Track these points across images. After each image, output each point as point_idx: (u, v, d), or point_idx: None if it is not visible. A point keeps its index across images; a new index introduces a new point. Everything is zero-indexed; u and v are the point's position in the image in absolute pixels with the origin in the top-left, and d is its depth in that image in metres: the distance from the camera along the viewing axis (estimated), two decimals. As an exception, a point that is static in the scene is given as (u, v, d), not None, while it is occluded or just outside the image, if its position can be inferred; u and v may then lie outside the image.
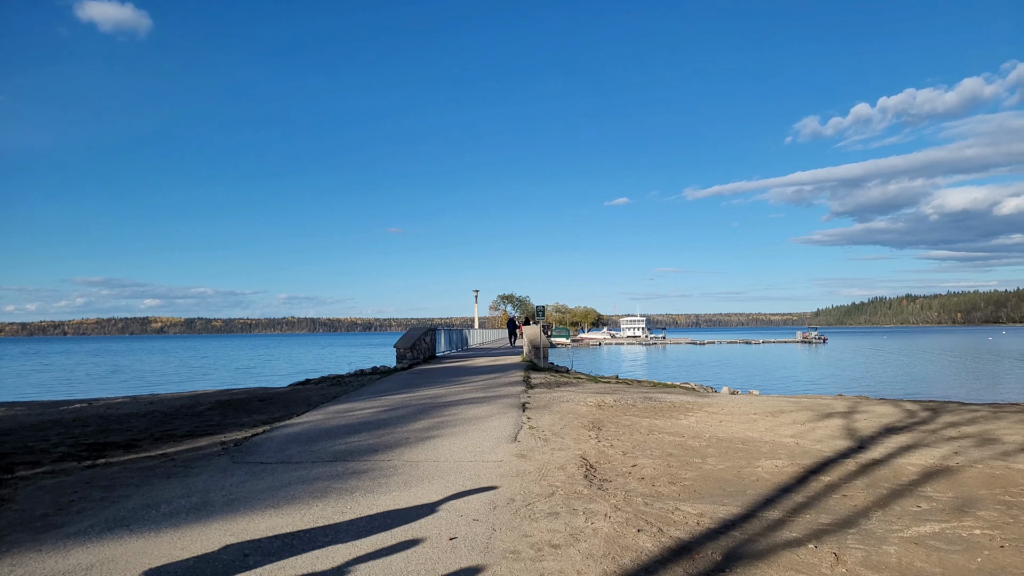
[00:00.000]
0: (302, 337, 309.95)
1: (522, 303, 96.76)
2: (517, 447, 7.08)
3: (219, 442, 7.67)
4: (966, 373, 38.81)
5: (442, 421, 8.65)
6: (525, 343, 19.91)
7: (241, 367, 53.78)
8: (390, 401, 10.73)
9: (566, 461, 6.45)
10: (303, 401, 11.85)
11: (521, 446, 7.14)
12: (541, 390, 12.51)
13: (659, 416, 9.78)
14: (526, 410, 9.69)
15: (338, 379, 16.15)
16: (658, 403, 11.19)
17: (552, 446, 7.19)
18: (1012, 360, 50.70)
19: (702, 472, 6.17)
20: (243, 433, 8.27)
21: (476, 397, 11.03)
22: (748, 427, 8.91)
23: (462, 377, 14.72)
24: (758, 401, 12.18)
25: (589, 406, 10.52)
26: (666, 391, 14.28)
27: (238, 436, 8.03)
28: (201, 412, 11.17)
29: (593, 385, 14.33)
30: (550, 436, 7.76)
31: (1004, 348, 71.43)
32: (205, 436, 8.23)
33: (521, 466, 6.21)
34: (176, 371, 49.67)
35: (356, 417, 9.06)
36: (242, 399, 13.07)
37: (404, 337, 19.64)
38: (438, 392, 11.89)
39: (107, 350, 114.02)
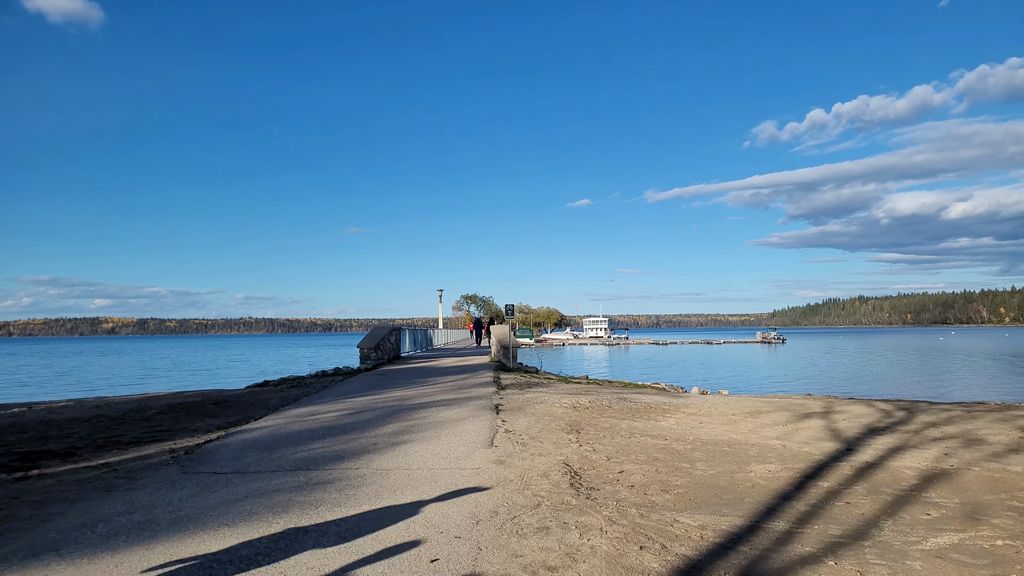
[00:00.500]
0: (260, 338, 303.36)
1: (486, 303, 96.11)
2: (494, 452, 6.62)
3: (168, 450, 7.03)
4: (924, 372, 39.72)
5: (413, 425, 8.14)
6: (494, 343, 19.44)
7: (195, 368, 52.02)
8: (356, 404, 10.16)
9: (549, 467, 6.03)
10: (261, 404, 11.19)
11: (499, 451, 6.68)
12: (513, 391, 12.07)
13: (638, 418, 9.44)
14: (500, 412, 9.24)
15: (298, 380, 15.46)
16: (634, 404, 10.87)
17: (531, 451, 6.75)
18: (964, 359, 52.21)
19: (694, 478, 5.81)
20: (196, 439, 7.63)
21: (447, 399, 10.53)
22: (730, 429, 8.63)
23: (430, 378, 14.18)
24: (733, 402, 11.96)
25: (564, 408, 10.12)
26: (639, 392, 13.99)
27: (190, 443, 7.40)
28: (150, 417, 10.44)
29: (565, 386, 13.95)
30: (528, 440, 7.32)
31: (955, 348, 73.71)
32: (153, 443, 7.57)
33: (501, 474, 5.76)
34: (127, 373, 47.78)
35: (320, 421, 8.48)
36: (195, 402, 12.33)
37: (368, 337, 18.99)
38: (406, 394, 11.35)
39: (55, 351, 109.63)
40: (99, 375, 45.84)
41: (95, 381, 39.46)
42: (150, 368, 53.52)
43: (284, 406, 10.41)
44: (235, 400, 12.28)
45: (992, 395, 26.04)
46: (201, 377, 41.33)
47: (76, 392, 30.15)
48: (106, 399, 14.42)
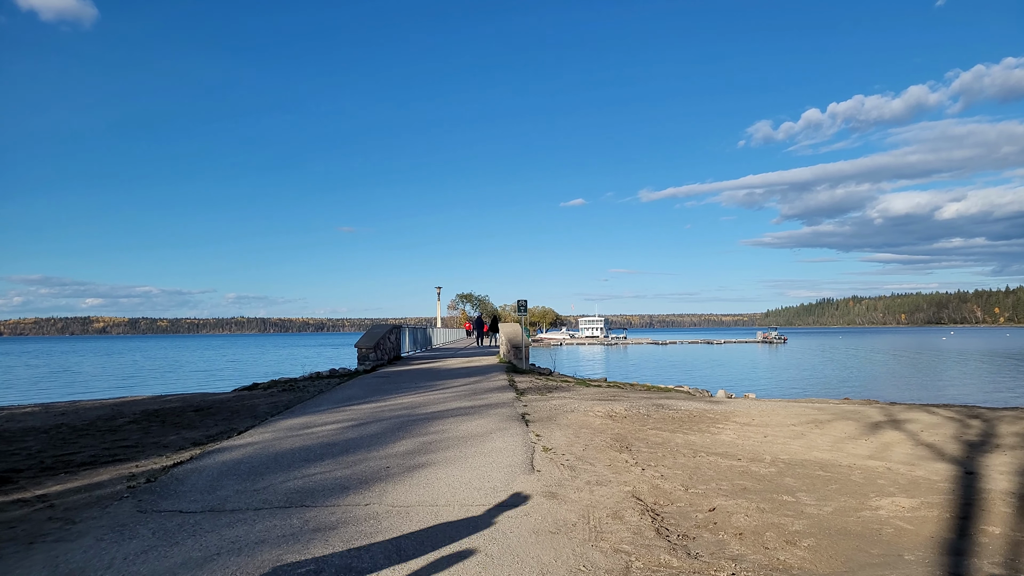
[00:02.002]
0: (252, 337, 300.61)
1: (481, 302, 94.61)
2: (540, 480, 5.21)
3: (127, 475, 5.60)
4: (942, 373, 38.47)
5: (430, 441, 6.72)
6: (503, 342, 18.01)
7: (183, 369, 50.33)
8: (358, 413, 8.73)
9: (618, 503, 4.63)
10: (248, 412, 9.76)
11: (545, 478, 5.28)
12: (534, 396, 10.67)
13: (689, 430, 8.06)
14: (529, 424, 7.84)
15: (291, 384, 14.02)
16: (674, 412, 9.51)
17: (586, 477, 5.35)
18: (978, 360, 51.04)
19: (812, 520, 4.41)
20: (164, 459, 6.20)
21: (463, 407, 9.11)
22: (805, 445, 7.26)
23: (438, 381, 12.76)
24: (781, 408, 10.60)
25: (600, 417, 8.74)
26: (667, 396, 12.61)
27: (156, 464, 5.96)
28: (119, 427, 9.01)
29: (587, 390, 12.56)
30: (575, 462, 5.92)
31: (961, 348, 72.57)
32: (112, 464, 6.13)
33: (558, 513, 4.36)
34: (112, 373, 46.09)
35: (316, 436, 7.04)
36: (174, 409, 10.91)
37: (366, 336, 17.55)
38: (415, 400, 9.92)
39: (43, 351, 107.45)
40: (83, 376, 44.17)
41: (76, 383, 37.81)
42: (136, 369, 51.83)
43: (274, 415, 8.98)
44: (219, 407, 10.85)
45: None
46: (188, 378, 39.70)
47: (52, 395, 28.55)
48: (77, 404, 12.92)
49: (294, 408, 9.46)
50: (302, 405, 9.74)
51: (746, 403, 11.26)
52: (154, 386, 32.32)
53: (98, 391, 29.53)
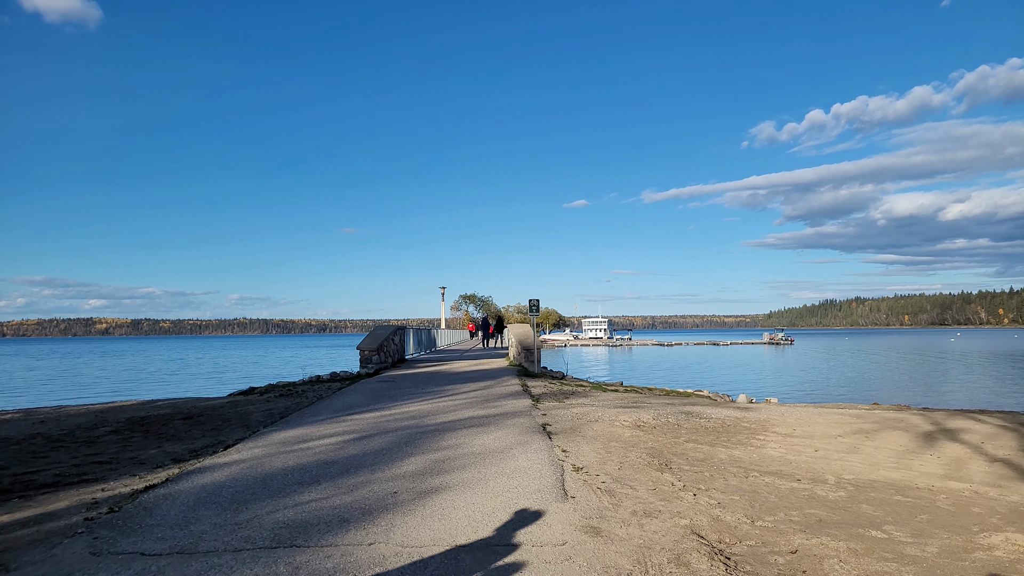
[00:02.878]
0: (254, 339, 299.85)
1: (484, 303, 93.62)
2: (576, 509, 4.38)
3: (90, 500, 4.77)
4: (964, 376, 37.51)
5: (442, 459, 5.88)
6: (513, 344, 17.12)
7: (181, 371, 49.49)
8: (360, 423, 7.90)
9: (675, 543, 3.79)
10: (240, 421, 8.94)
11: (581, 507, 4.44)
12: (551, 403, 9.84)
13: (729, 442, 7.23)
14: (552, 437, 7.00)
15: (289, 388, 13.20)
16: (705, 421, 8.69)
17: (630, 506, 4.51)
18: (996, 361, 50.04)
19: (921, 567, 3.57)
20: (137, 480, 5.38)
21: (477, 416, 8.27)
22: (864, 460, 6.43)
23: (447, 387, 11.91)
24: (818, 416, 9.79)
25: (627, 427, 7.91)
26: (692, 402, 11.76)
27: (126, 487, 5.13)
28: (98, 438, 8.22)
29: (605, 395, 11.72)
30: (613, 485, 5.08)
31: (973, 349, 71.41)
32: (77, 486, 5.31)
33: (605, 555, 3.53)
34: (108, 376, 45.30)
35: (313, 452, 6.21)
36: (162, 416, 10.13)
37: (369, 337, 16.71)
38: (423, 408, 9.08)
39: (43, 352, 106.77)
40: (80, 378, 43.39)
41: (71, 386, 37.03)
42: (135, 371, 51.06)
43: (268, 425, 8.16)
44: (210, 414, 10.05)
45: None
46: (185, 381, 38.85)
47: (42, 399, 27.73)
48: (61, 410, 12.11)
49: (290, 417, 8.64)
50: (299, 414, 8.91)
51: (778, 410, 10.42)
52: (149, 389, 31.50)
53: (90, 395, 28.74)
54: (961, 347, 78.05)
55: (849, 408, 12.77)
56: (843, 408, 12.64)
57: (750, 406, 11.09)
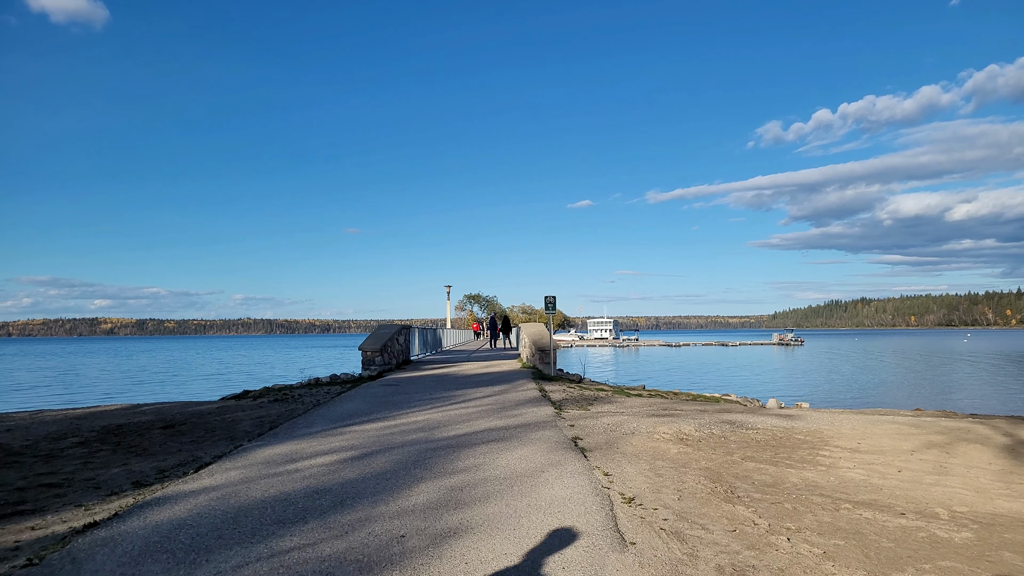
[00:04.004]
0: (257, 339, 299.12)
1: (489, 303, 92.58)
2: (640, 564, 3.30)
3: (11, 545, 3.71)
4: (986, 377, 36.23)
5: (459, 484, 4.78)
6: (526, 345, 15.98)
7: (180, 372, 48.41)
8: (360, 437, 6.81)
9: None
10: (225, 431, 7.89)
11: (647, 559, 3.36)
12: (576, 411, 8.76)
13: (794, 461, 6.14)
14: (588, 454, 5.91)
15: (285, 392, 12.14)
16: (752, 432, 7.62)
17: (711, 559, 3.43)
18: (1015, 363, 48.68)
19: None
20: (80, 513, 4.32)
21: (496, 428, 7.17)
22: (967, 484, 5.34)
23: (458, 391, 10.81)
24: (872, 425, 8.71)
25: (669, 441, 6.82)
26: (726, 409, 10.66)
27: (63, 525, 4.07)
28: (62, 450, 7.21)
29: (631, 400, 10.63)
30: (679, 524, 3.99)
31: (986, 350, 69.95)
32: (6, 520, 4.25)
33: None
34: (106, 377, 44.33)
35: (301, 476, 5.11)
36: (142, 424, 9.13)
37: (372, 337, 15.63)
38: (433, 418, 7.98)
39: (47, 352, 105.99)
40: (79, 379, 42.44)
41: (67, 387, 36.05)
42: (134, 371, 50.10)
43: (255, 437, 7.10)
44: (194, 421, 9.02)
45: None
46: (181, 383, 37.74)
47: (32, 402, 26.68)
48: (38, 416, 11.09)
49: (280, 428, 7.56)
50: (291, 424, 7.83)
51: (823, 418, 9.30)
52: (142, 392, 30.39)
53: (80, 397, 27.67)
54: (975, 348, 76.58)
55: (895, 414, 11.68)
56: (889, 414, 11.55)
57: (793, 413, 9.98)
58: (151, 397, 26.49)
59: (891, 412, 12.81)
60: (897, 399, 24.52)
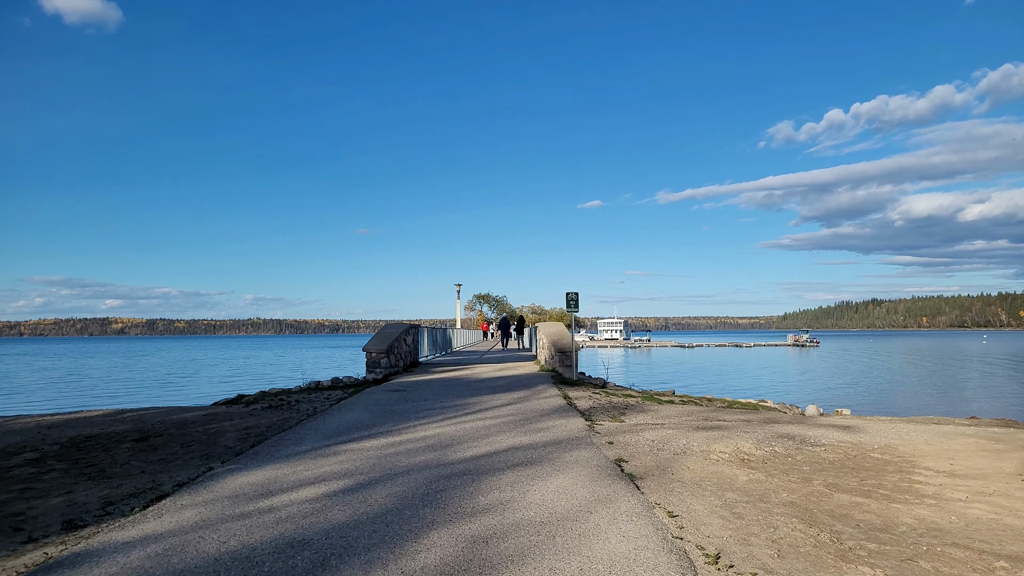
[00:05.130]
0: (266, 339, 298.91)
1: (499, 303, 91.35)
2: None
3: None
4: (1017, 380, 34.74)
5: (482, 534, 3.61)
6: (545, 346, 14.75)
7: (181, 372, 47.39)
8: (357, 457, 5.65)
9: None
10: (204, 445, 6.78)
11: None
12: (608, 422, 7.59)
13: (886, 490, 4.98)
14: (639, 483, 4.74)
15: (282, 397, 11.04)
16: (821, 450, 6.47)
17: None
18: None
19: None
20: (-26, 576, 3.19)
21: (520, 446, 5.99)
22: None
23: (473, 398, 9.66)
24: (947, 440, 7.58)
25: (730, 463, 5.65)
26: (773, 418, 9.47)
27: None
28: (10, 469, 6.30)
29: (663, 408, 9.45)
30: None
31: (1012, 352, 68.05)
32: None
33: None
34: (107, 378, 43.43)
35: (275, 518, 3.95)
36: (115, 434, 8.11)
37: (377, 337, 14.49)
38: (445, 432, 6.81)
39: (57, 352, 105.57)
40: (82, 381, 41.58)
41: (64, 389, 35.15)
42: (137, 372, 49.23)
43: (234, 457, 5.98)
44: (173, 433, 7.94)
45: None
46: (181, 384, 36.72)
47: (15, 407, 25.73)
48: (7, 423, 10.03)
49: (264, 445, 6.41)
50: (278, 440, 6.68)
51: (887, 430, 8.08)
52: (136, 394, 29.23)
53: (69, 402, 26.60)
54: (995, 349, 74.64)
55: (954, 424, 10.48)
56: (947, 423, 10.34)
57: (850, 424, 8.76)
58: (144, 400, 25.49)
59: (946, 421, 11.59)
60: (938, 405, 23.15)
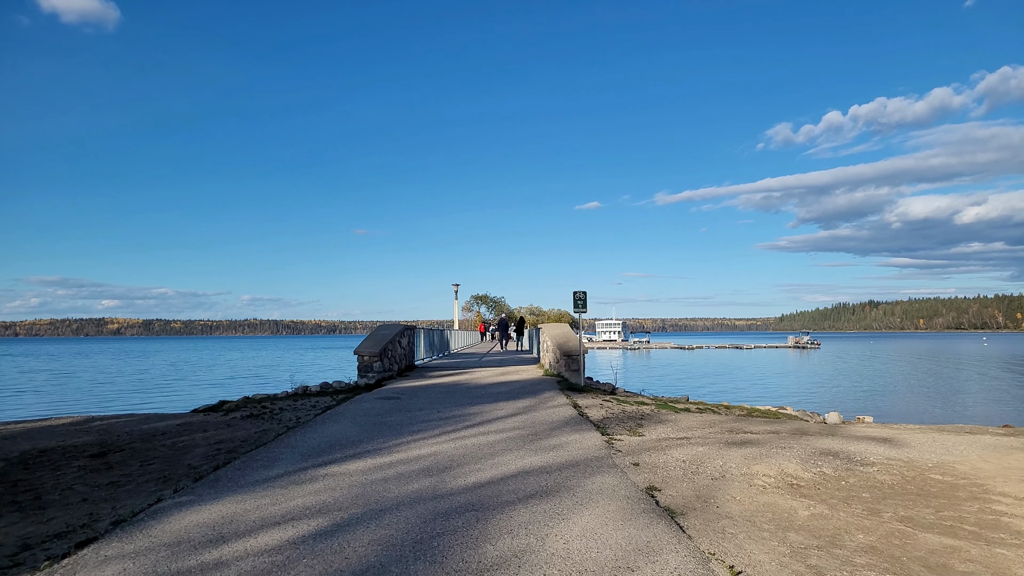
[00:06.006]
0: (263, 339, 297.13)
1: (497, 304, 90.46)
2: None
3: None
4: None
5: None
6: (550, 349, 13.79)
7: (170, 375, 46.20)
8: (338, 486, 4.75)
9: None
10: (164, 465, 5.88)
11: None
12: (627, 436, 6.71)
13: (983, 528, 4.12)
14: (679, 520, 3.85)
15: (265, 404, 10.14)
16: (874, 471, 5.62)
17: None
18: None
19: None
20: None
21: (532, 469, 5.08)
22: None
23: (473, 407, 8.76)
24: (1005, 456, 6.80)
25: (779, 490, 4.77)
26: (802, 429, 8.58)
27: None
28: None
29: (683, 418, 8.56)
30: None
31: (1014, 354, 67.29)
32: None
33: None
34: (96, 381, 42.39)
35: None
36: (72, 448, 7.27)
37: (370, 339, 13.59)
38: (443, 451, 5.90)
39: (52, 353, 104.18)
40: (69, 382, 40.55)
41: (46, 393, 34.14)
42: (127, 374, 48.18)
43: (195, 481, 5.07)
44: (137, 447, 7.07)
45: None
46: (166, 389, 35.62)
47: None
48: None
49: (229, 468, 5.49)
50: (248, 459, 5.77)
51: (930, 444, 7.21)
52: (118, 399, 27.96)
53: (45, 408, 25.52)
54: (999, 352, 73.91)
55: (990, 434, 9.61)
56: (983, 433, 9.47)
57: (888, 436, 7.88)
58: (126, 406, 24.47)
59: (979, 430, 10.72)
60: (958, 410, 22.28)
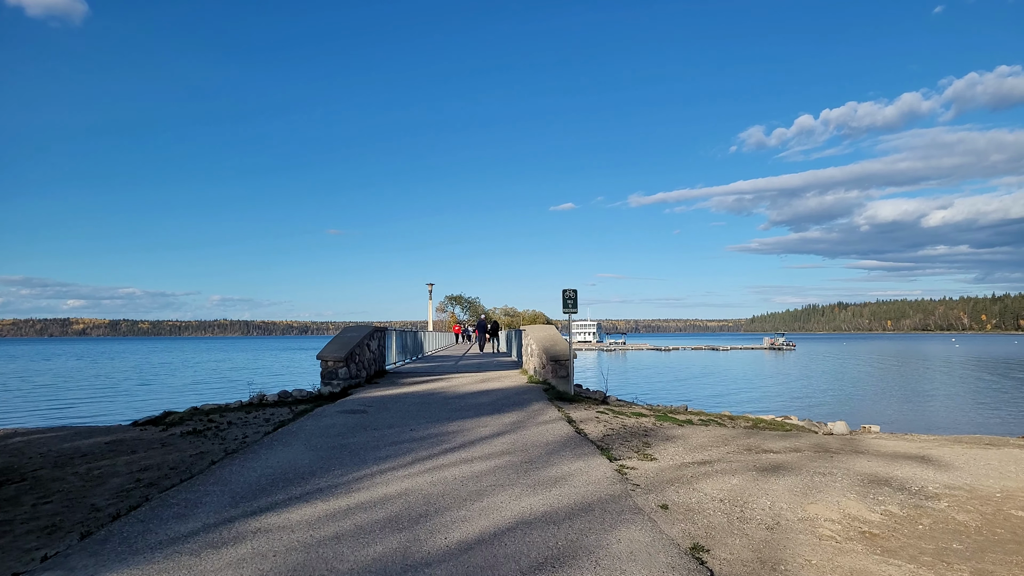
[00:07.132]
0: (232, 340, 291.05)
1: (472, 304, 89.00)
2: None
3: None
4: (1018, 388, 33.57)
5: None
6: (535, 353, 12.52)
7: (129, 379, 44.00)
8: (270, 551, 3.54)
9: None
10: (61, 505, 4.60)
11: None
12: (639, 461, 5.58)
13: None
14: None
15: (212, 417, 8.83)
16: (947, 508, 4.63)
17: None
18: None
19: None
20: None
21: (532, 518, 3.91)
22: None
23: (453, 423, 7.54)
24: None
25: (852, 542, 3.74)
26: (823, 444, 7.52)
27: None
28: None
29: (691, 433, 7.46)
30: None
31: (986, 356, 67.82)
32: None
33: None
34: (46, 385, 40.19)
35: None
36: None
37: (335, 342, 12.26)
38: (417, 487, 4.68)
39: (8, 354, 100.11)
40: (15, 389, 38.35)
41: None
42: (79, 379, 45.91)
43: (84, 537, 3.82)
44: (40, 475, 5.84)
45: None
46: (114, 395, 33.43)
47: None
48: None
49: (136, 513, 4.22)
50: (162, 500, 4.48)
51: (977, 463, 6.23)
52: (64, 408, 25.69)
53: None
54: (968, 352, 74.60)
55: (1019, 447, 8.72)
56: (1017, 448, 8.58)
57: (919, 452, 6.86)
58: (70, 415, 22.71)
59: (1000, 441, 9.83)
60: (954, 416, 21.59)
